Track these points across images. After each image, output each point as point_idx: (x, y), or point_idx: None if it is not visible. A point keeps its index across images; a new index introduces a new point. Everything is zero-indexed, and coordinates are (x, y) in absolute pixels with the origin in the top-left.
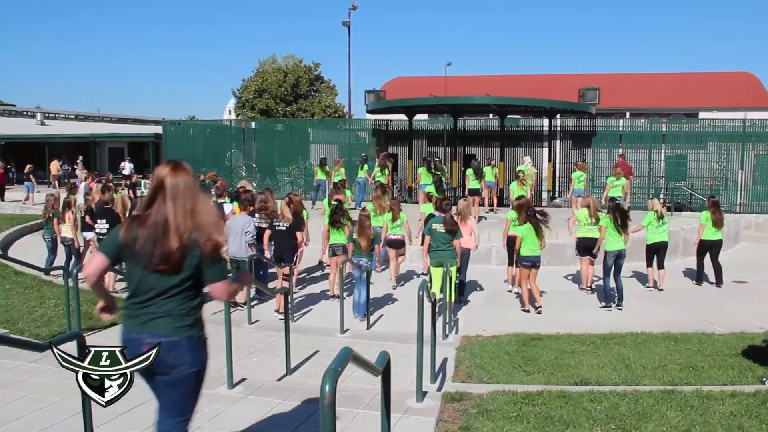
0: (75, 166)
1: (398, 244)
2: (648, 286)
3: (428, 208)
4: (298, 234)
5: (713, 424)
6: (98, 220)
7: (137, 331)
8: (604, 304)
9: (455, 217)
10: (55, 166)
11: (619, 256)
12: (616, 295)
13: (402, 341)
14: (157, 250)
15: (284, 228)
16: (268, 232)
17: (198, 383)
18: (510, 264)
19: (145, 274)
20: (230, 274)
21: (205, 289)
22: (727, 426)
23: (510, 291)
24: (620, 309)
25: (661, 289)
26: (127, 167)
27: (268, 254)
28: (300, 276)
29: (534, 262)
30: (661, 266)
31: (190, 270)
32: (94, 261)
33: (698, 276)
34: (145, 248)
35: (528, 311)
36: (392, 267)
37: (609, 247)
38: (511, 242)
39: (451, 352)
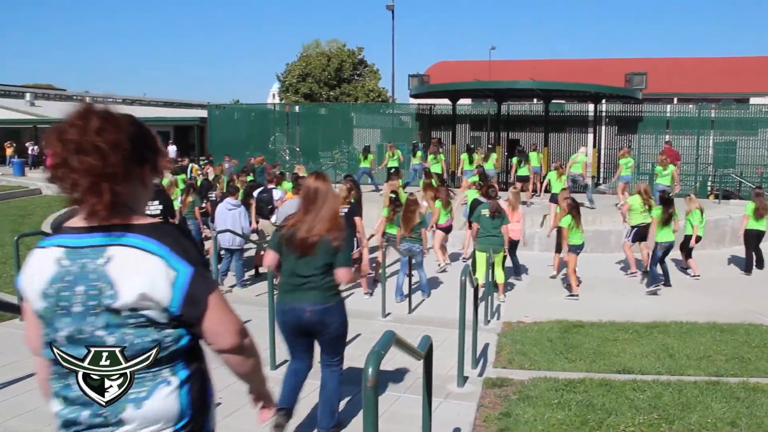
0: None
1: (449, 230)
2: (695, 276)
3: (473, 194)
4: (357, 219)
5: (760, 416)
6: (150, 202)
7: (298, 301)
8: (652, 287)
9: (503, 205)
10: None
11: (670, 248)
12: (663, 277)
13: (443, 326)
14: (305, 243)
15: (342, 214)
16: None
17: (345, 332)
18: (557, 251)
19: (298, 260)
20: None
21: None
22: None
23: (553, 277)
24: (669, 286)
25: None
26: (171, 150)
27: None
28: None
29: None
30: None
31: (327, 257)
32: (269, 256)
33: (747, 265)
34: (297, 241)
35: (576, 297)
36: (442, 252)
37: (660, 238)
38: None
39: (493, 338)
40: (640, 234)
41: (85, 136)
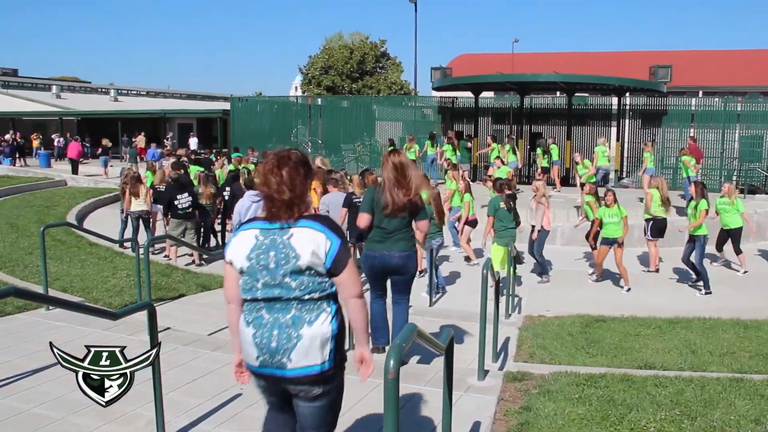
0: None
1: (474, 224)
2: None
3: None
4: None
5: None
6: (180, 195)
7: (387, 249)
8: (706, 291)
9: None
10: (142, 140)
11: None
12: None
13: (464, 319)
14: (393, 203)
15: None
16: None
17: (415, 274)
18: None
19: (388, 218)
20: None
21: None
22: None
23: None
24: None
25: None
26: (192, 143)
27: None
28: None
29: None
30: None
31: (410, 216)
32: (364, 216)
33: None
34: (386, 202)
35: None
36: (469, 245)
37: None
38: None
39: (514, 332)
40: (658, 228)
41: (282, 179)
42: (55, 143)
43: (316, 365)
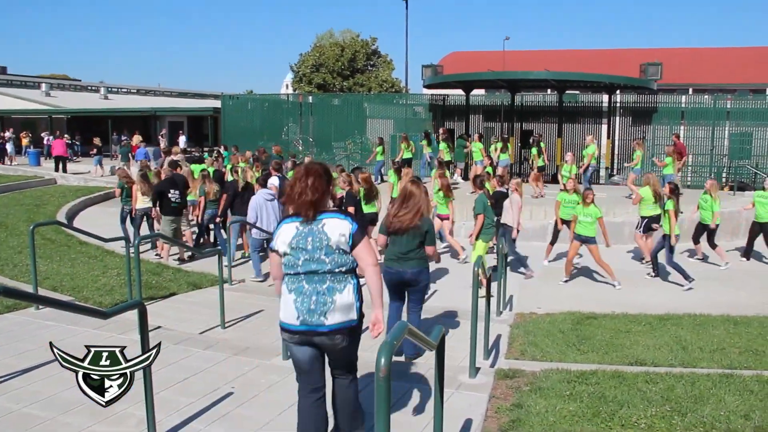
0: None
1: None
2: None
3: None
4: (350, 209)
5: None
6: (172, 191)
7: (402, 268)
8: (689, 284)
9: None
10: (137, 139)
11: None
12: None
13: (455, 316)
14: (404, 227)
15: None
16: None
17: (428, 285)
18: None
19: (401, 238)
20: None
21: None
22: None
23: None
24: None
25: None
26: (182, 141)
27: None
28: None
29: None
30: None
31: (419, 237)
32: (381, 237)
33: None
34: (398, 226)
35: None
36: (457, 242)
37: (677, 230)
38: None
39: (505, 329)
40: (650, 226)
41: (307, 186)
42: (45, 141)
43: (344, 321)
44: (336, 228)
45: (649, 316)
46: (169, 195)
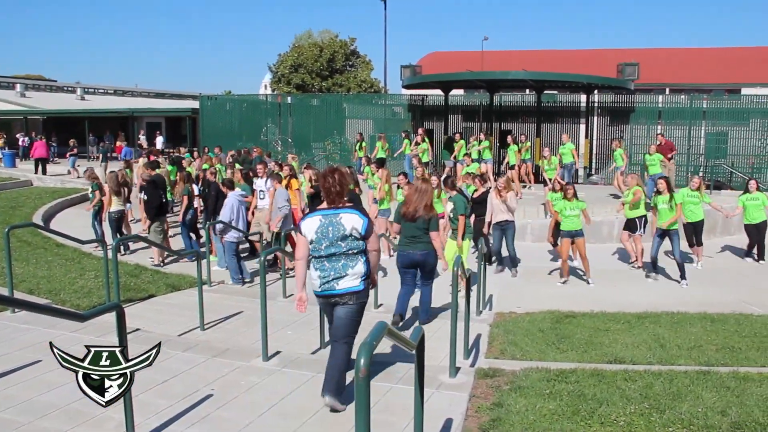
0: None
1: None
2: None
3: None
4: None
5: (750, 406)
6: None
7: (412, 250)
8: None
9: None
10: (122, 139)
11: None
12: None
13: (435, 316)
14: (415, 215)
15: None
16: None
17: (436, 266)
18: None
19: (410, 225)
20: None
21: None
22: (764, 408)
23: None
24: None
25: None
26: (159, 141)
27: None
28: None
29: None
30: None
31: (425, 225)
32: (396, 226)
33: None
34: (409, 214)
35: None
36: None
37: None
38: None
39: (485, 329)
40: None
41: (334, 180)
42: (20, 143)
43: (355, 286)
44: (350, 221)
45: (627, 315)
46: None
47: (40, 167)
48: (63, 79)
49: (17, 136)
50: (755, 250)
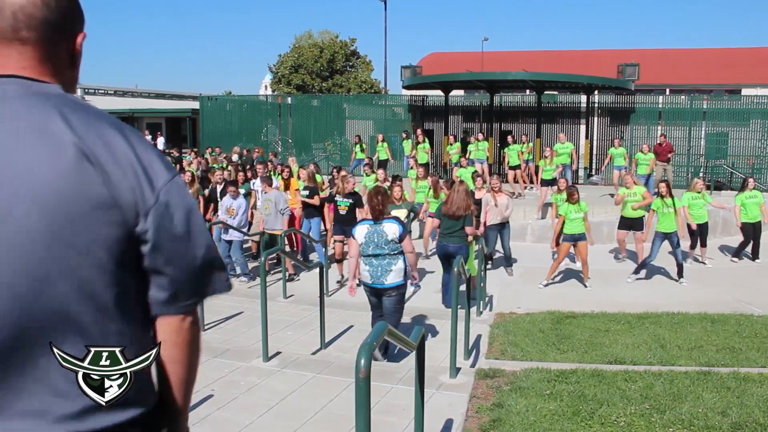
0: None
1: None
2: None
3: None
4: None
5: (750, 406)
6: None
7: (447, 242)
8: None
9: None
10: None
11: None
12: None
13: (436, 317)
14: (454, 212)
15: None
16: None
17: (467, 256)
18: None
19: (449, 221)
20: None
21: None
22: (764, 409)
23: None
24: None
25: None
26: (159, 142)
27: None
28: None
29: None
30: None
31: (461, 222)
32: (436, 220)
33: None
34: (449, 212)
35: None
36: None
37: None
38: None
39: (485, 329)
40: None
41: (378, 201)
42: None
43: (397, 281)
44: (390, 229)
45: (627, 315)
46: None
47: None
48: None
49: None
50: (748, 249)
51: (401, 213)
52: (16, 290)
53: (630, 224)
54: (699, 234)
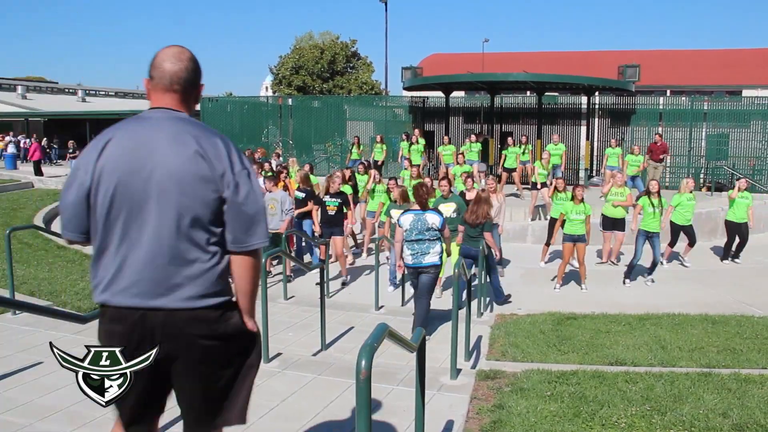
0: None
1: None
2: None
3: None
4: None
5: (751, 407)
6: None
7: (469, 245)
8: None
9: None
10: None
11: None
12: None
13: (436, 318)
14: (476, 221)
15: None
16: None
17: (492, 259)
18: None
19: (470, 228)
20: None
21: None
22: (765, 410)
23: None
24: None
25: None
26: None
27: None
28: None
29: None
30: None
31: (481, 228)
32: (460, 228)
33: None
34: (471, 220)
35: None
36: None
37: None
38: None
39: (486, 330)
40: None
41: (423, 192)
42: (21, 145)
43: (434, 261)
44: (431, 218)
45: (628, 316)
46: None
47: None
48: (64, 81)
49: (18, 138)
50: (734, 248)
51: (398, 213)
52: (170, 214)
53: (613, 223)
54: (687, 234)
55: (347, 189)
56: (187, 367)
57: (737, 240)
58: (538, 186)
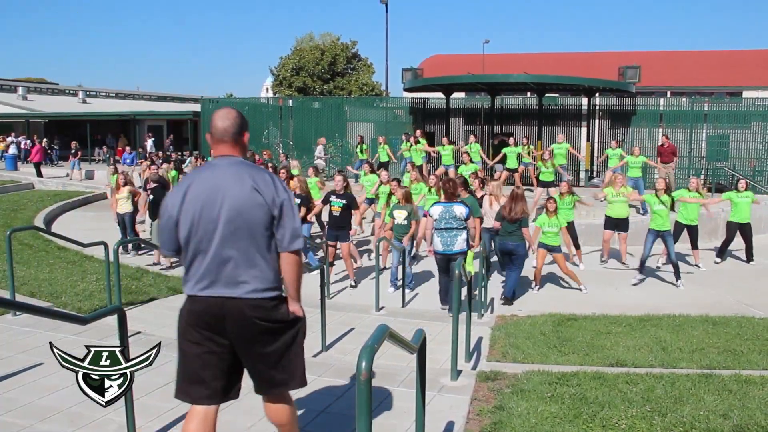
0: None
1: None
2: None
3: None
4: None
5: (752, 409)
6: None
7: (506, 241)
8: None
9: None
10: (123, 142)
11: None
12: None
13: (437, 319)
14: (513, 217)
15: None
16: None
17: (523, 257)
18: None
19: (508, 223)
20: None
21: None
22: (766, 411)
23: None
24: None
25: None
26: (149, 145)
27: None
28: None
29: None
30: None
31: (518, 223)
32: (497, 223)
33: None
34: (508, 216)
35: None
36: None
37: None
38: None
39: (486, 332)
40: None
41: (450, 186)
42: (22, 146)
43: (462, 248)
44: (458, 209)
45: (629, 317)
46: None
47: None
48: (65, 82)
49: (19, 139)
50: (737, 250)
51: (401, 214)
52: (237, 232)
53: (615, 224)
54: (690, 235)
55: (373, 178)
56: (248, 339)
57: (744, 243)
58: (536, 187)
